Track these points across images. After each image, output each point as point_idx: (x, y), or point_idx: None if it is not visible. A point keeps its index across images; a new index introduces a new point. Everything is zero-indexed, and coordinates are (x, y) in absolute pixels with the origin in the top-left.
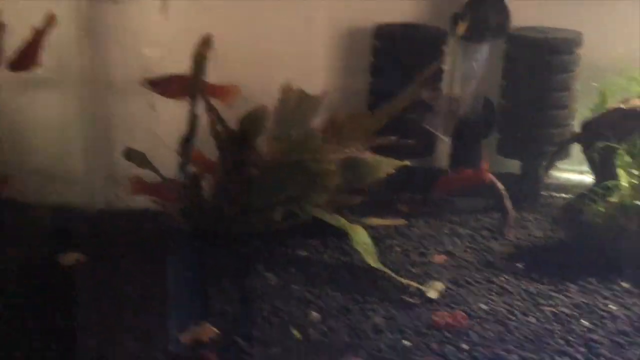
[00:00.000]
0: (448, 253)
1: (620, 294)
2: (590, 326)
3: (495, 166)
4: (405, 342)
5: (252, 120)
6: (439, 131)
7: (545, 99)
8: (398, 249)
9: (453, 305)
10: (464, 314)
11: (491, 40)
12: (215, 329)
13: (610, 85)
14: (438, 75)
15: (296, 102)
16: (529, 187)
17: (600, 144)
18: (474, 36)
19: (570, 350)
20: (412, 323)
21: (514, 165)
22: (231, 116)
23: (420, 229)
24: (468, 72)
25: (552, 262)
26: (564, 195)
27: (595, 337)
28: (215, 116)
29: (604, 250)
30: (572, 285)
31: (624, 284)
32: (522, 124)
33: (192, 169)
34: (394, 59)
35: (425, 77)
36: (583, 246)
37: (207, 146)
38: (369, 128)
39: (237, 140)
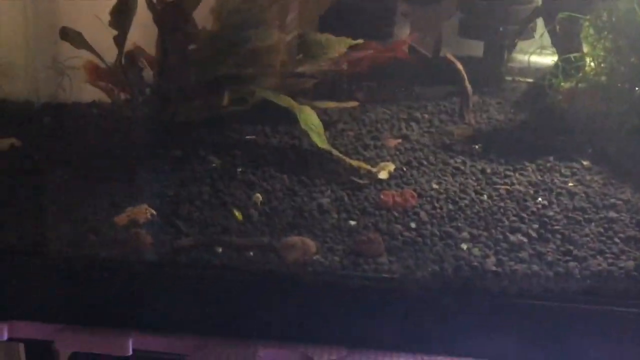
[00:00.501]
0: (403, 137)
1: (580, 172)
2: (546, 203)
3: (458, 48)
4: (351, 222)
5: None
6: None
7: None
8: (351, 133)
9: (404, 185)
10: (413, 193)
11: None
12: (152, 210)
13: None
14: None
15: None
16: (491, 70)
17: (562, 15)
18: None
19: (523, 227)
20: (359, 203)
21: (478, 47)
22: None
23: (376, 114)
24: None
25: (511, 143)
26: (529, 79)
27: (550, 213)
28: None
29: (566, 130)
30: (530, 165)
31: (585, 162)
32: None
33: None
34: None
35: None
36: (545, 128)
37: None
38: (318, 3)
39: (172, 11)
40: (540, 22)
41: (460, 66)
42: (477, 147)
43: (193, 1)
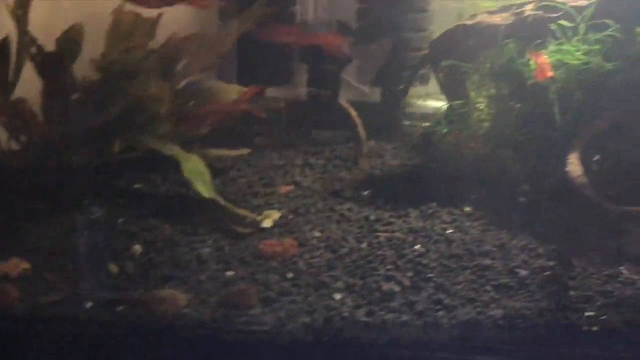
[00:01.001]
0: (295, 183)
1: (460, 218)
2: (423, 250)
3: (356, 94)
4: (229, 273)
5: (67, 41)
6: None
7: (400, 21)
8: (243, 180)
9: (287, 234)
10: (294, 242)
11: None
12: (25, 264)
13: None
14: None
15: (130, 25)
16: (389, 115)
17: (446, 64)
18: None
19: (398, 275)
20: (239, 253)
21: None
22: None
23: (271, 160)
24: None
25: (401, 189)
26: (425, 123)
27: (425, 261)
28: (28, 38)
29: (453, 176)
30: (413, 211)
31: (467, 209)
32: (378, 49)
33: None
34: None
35: None
36: (435, 173)
37: None
38: (214, 50)
39: (52, 61)
40: None
41: (353, 112)
42: (366, 193)
43: (72, 52)
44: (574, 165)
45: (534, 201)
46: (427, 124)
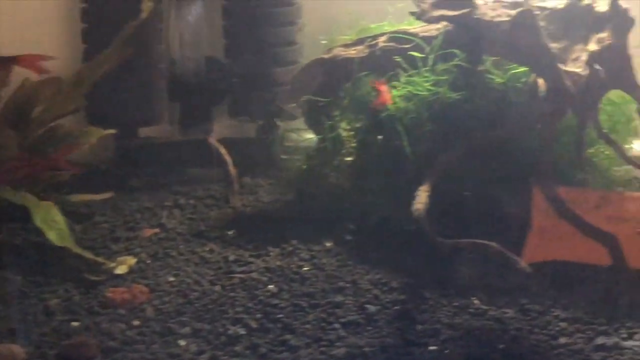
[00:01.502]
0: (161, 226)
1: (320, 255)
2: (276, 290)
3: (230, 131)
4: (74, 323)
5: None
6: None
7: (269, 55)
8: (106, 224)
9: (140, 280)
10: (144, 288)
11: None
12: None
13: (340, 39)
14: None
15: None
16: (265, 150)
17: (305, 99)
18: None
19: (246, 317)
20: (88, 302)
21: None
22: None
23: (140, 203)
24: (184, 31)
25: (267, 227)
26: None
27: (276, 301)
28: None
29: (320, 210)
30: (274, 250)
31: (328, 244)
32: (248, 83)
33: None
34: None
35: (125, 36)
36: (303, 208)
37: None
38: (73, 93)
39: None
40: None
41: (222, 150)
42: (231, 233)
43: None
44: (419, 198)
45: (393, 234)
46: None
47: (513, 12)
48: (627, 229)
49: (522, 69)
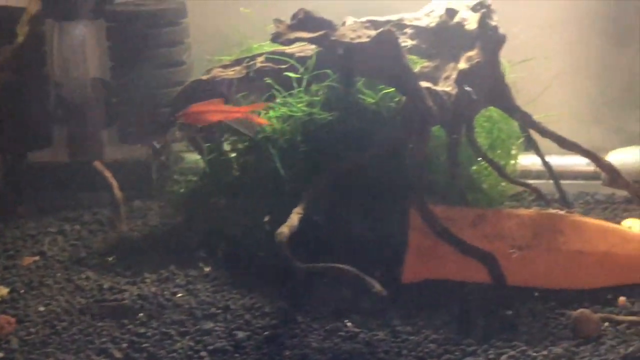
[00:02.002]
0: (41, 253)
1: (195, 280)
2: (145, 319)
3: (124, 153)
4: None
5: None
6: None
7: (155, 76)
8: None
9: (10, 310)
10: (11, 319)
11: (88, 18)
12: None
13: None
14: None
15: None
16: (157, 172)
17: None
18: (67, 14)
19: (112, 347)
20: None
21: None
22: None
23: (24, 229)
24: (69, 53)
25: (148, 252)
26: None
27: (144, 330)
28: None
29: (203, 234)
30: (150, 276)
31: (207, 268)
32: (136, 106)
33: None
34: None
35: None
36: (189, 232)
37: None
38: None
39: None
40: None
41: (108, 174)
42: (110, 259)
43: None
44: (288, 221)
45: (270, 258)
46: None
47: (373, 32)
48: (504, 247)
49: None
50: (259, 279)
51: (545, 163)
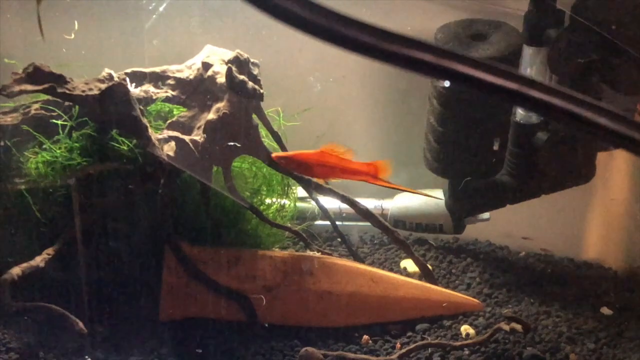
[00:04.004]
0: None
1: None
2: None
3: None
4: None
5: None
6: None
7: None
8: None
9: None
10: None
11: None
12: None
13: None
14: None
15: None
16: None
17: None
18: None
19: None
20: None
21: None
22: None
23: None
24: None
25: None
26: None
27: None
28: None
29: None
30: None
31: None
32: None
33: None
34: None
35: None
36: None
37: None
38: None
39: None
40: None
41: None
42: None
43: None
44: (31, 261)
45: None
46: None
47: (104, 86)
48: (256, 287)
49: None
50: (16, 316)
51: (320, 206)
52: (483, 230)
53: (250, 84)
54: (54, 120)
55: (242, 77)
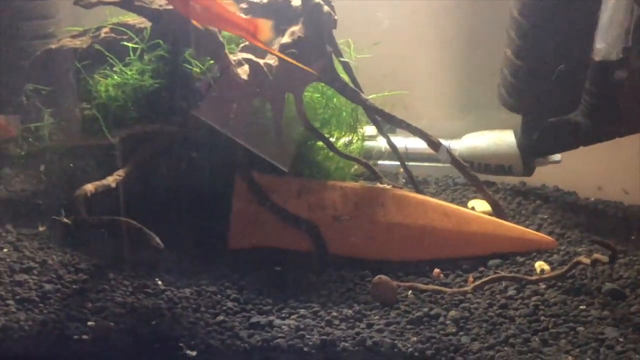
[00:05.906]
0: None
1: (25, 238)
2: None
3: None
4: None
5: None
6: None
7: (22, 48)
8: None
9: None
10: None
11: None
12: None
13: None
14: None
15: None
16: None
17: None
18: None
19: None
20: None
21: None
22: None
23: None
24: None
25: None
26: None
27: None
28: None
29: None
30: None
31: (41, 228)
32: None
33: None
34: None
35: None
36: (46, 195)
37: None
38: None
39: None
40: None
41: None
42: None
43: None
44: (103, 180)
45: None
46: None
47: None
48: (326, 216)
49: None
50: (87, 239)
51: (391, 144)
52: (551, 176)
53: (326, 7)
54: (125, 43)
55: (318, 1)
